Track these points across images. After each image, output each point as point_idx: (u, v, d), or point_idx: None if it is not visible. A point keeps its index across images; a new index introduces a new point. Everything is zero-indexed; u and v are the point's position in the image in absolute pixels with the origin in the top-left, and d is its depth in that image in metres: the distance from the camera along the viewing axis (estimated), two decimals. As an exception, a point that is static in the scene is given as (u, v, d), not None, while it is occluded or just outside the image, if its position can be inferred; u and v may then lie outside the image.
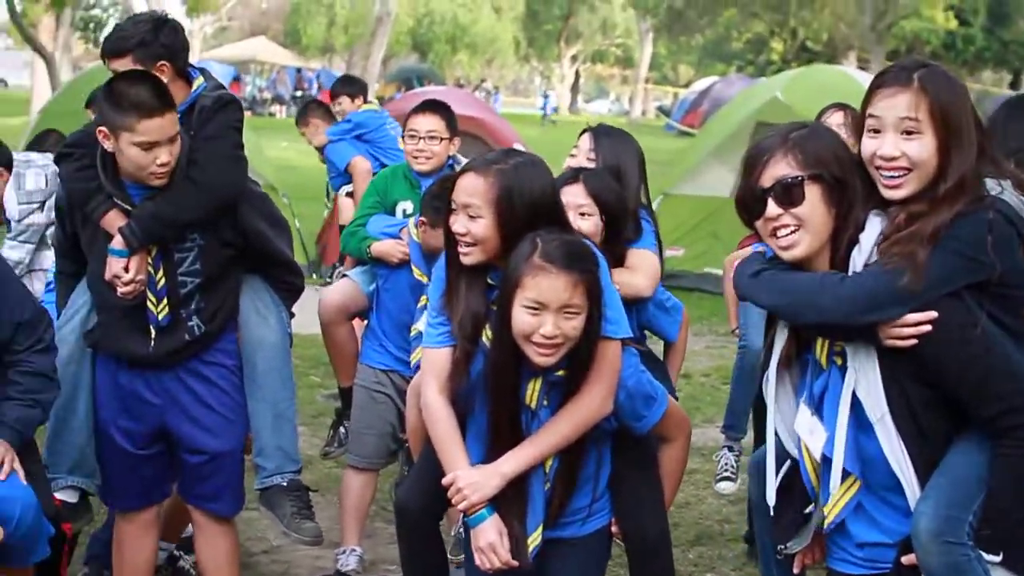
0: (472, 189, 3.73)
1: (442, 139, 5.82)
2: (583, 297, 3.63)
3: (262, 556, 6.18)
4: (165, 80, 4.47)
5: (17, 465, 4.15)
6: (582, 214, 4.50)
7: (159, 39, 4.58)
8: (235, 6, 56.93)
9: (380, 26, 34.95)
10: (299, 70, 53.01)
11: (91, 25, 51.35)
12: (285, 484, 4.72)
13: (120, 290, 4.41)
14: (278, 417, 4.69)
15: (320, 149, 10.53)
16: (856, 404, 3.35)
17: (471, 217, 3.72)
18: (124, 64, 4.51)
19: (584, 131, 5.17)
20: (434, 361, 3.89)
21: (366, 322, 5.90)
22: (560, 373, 3.73)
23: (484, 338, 3.79)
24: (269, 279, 4.76)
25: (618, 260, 4.65)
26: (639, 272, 4.75)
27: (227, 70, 42.23)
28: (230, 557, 4.86)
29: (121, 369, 4.63)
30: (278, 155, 21.04)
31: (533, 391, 3.75)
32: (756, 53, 57.03)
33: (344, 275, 6.10)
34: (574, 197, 4.51)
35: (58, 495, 4.58)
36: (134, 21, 4.66)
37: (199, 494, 4.76)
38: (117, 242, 4.36)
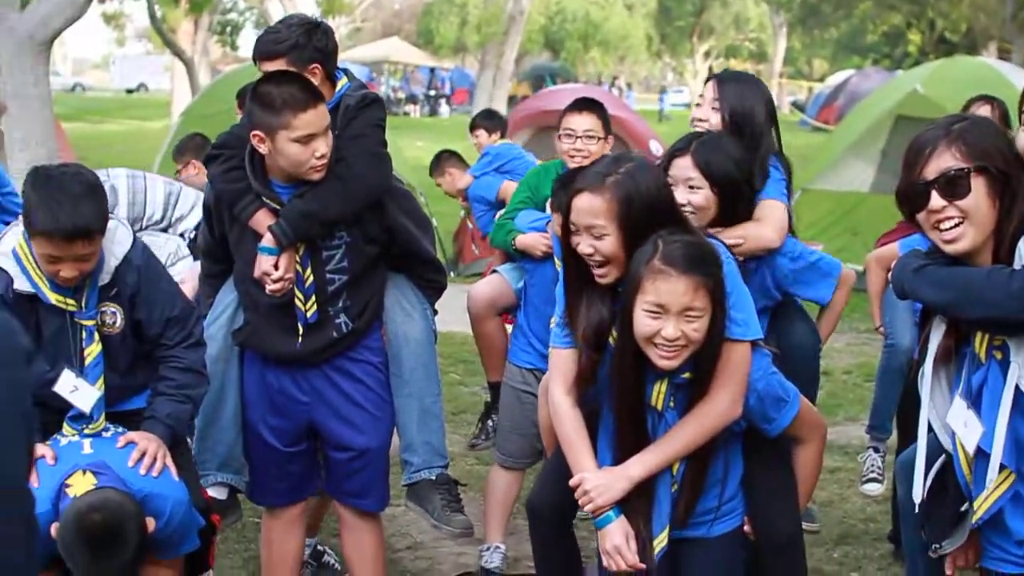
0: (591, 209, 3.71)
1: (598, 138, 5.81)
2: (705, 300, 3.61)
3: (406, 552, 6.23)
4: (316, 82, 4.53)
5: (169, 461, 4.21)
6: (691, 187, 4.41)
7: (312, 42, 4.63)
8: (368, 8, 57.42)
9: (513, 24, 35.03)
10: (432, 70, 53.39)
11: (227, 29, 52.13)
12: (434, 478, 4.74)
13: (269, 288, 4.44)
14: (425, 412, 4.72)
15: (462, 193, 10.29)
16: (1017, 397, 3.29)
17: (596, 237, 3.71)
18: (277, 66, 4.56)
19: (709, 78, 5.10)
20: (560, 361, 3.91)
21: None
22: (686, 375, 3.72)
23: (610, 340, 3.79)
24: (413, 276, 4.78)
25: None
26: (765, 223, 4.60)
27: (361, 71, 42.61)
28: (376, 553, 4.90)
29: (268, 367, 4.68)
30: (414, 154, 21.17)
31: (659, 393, 3.75)
32: (892, 46, 56.14)
33: (495, 270, 6.14)
34: (683, 171, 4.43)
35: (208, 492, 4.65)
36: (286, 24, 4.71)
37: (346, 490, 4.81)
38: (267, 240, 4.41)
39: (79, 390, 4.21)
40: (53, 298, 4.14)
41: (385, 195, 4.56)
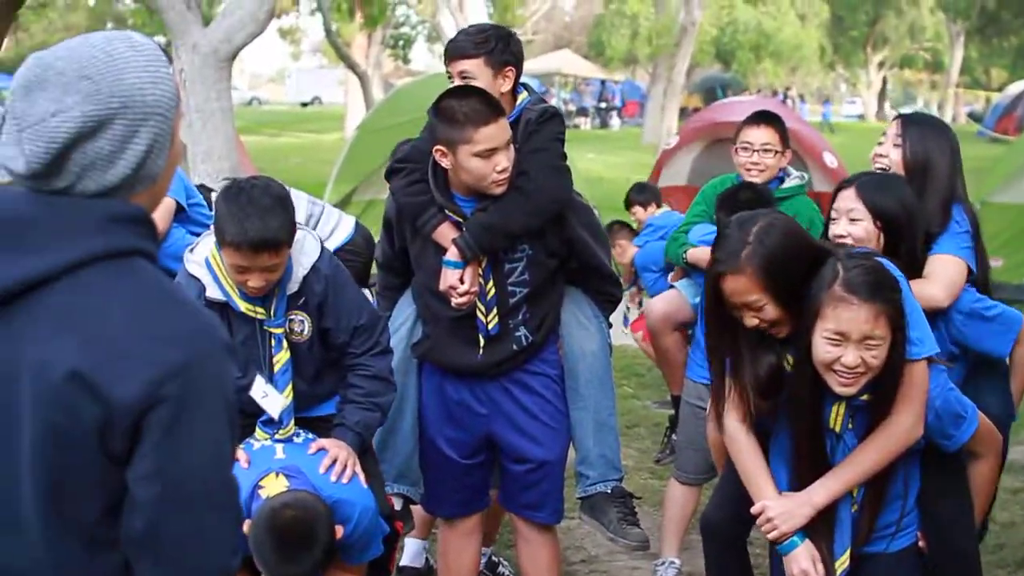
0: (739, 290, 3.69)
1: (776, 152, 5.76)
2: (885, 327, 3.57)
3: (580, 566, 6.23)
4: (507, 87, 4.60)
5: (358, 468, 4.26)
6: (852, 219, 4.33)
7: (510, 47, 4.67)
8: (539, 20, 57.72)
9: (684, 36, 34.91)
10: (603, 82, 53.44)
11: (400, 42, 52.80)
12: (609, 491, 4.73)
13: (455, 301, 4.47)
14: (601, 426, 4.72)
15: (629, 268, 10.21)
16: None
17: (756, 309, 3.70)
18: (472, 65, 4.58)
19: (896, 117, 5.03)
20: (725, 390, 3.93)
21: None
22: (864, 397, 3.68)
23: (785, 364, 3.76)
24: (589, 290, 4.79)
25: (916, 269, 4.45)
26: (933, 280, 4.47)
27: (533, 83, 42.71)
28: (551, 565, 4.90)
29: (447, 379, 4.73)
30: (585, 167, 21.20)
31: (837, 415, 3.72)
32: (1075, 54, 54.73)
33: (672, 286, 6.12)
34: (845, 202, 4.36)
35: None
36: (479, 28, 4.75)
37: (523, 503, 4.82)
38: (452, 254, 4.44)
39: (269, 396, 4.30)
40: (243, 306, 4.23)
41: (566, 208, 4.57)
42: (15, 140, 2.10)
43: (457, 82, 4.59)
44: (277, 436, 4.34)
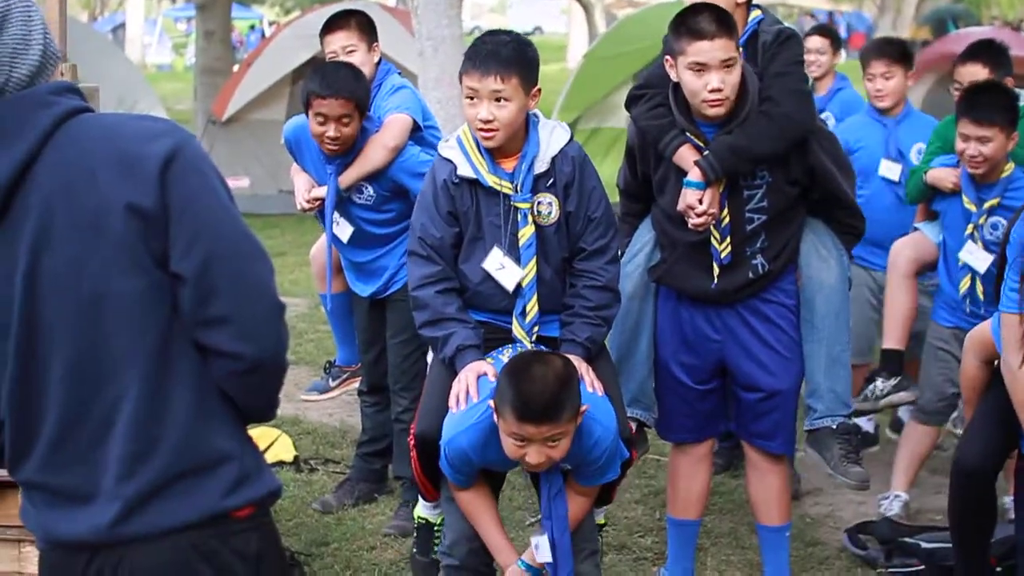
0: None
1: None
2: None
3: (806, 497, 6.20)
4: (743, 0, 4.61)
5: (598, 384, 4.24)
6: None
7: None
8: (765, -50, 56.67)
9: (916, -34, 33.95)
10: (830, 13, 52.30)
11: (624, -28, 52.32)
12: (835, 427, 4.68)
13: (692, 222, 4.46)
14: (833, 360, 4.65)
15: None
16: None
17: None
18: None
19: None
20: (1014, 326, 3.88)
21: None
22: None
23: None
24: (831, 221, 4.71)
25: None
26: None
27: (755, 15, 42.09)
28: (780, 494, 4.88)
29: (683, 304, 4.73)
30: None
31: None
32: None
33: (915, 227, 6.00)
34: None
35: None
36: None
37: (754, 431, 4.81)
38: (694, 174, 4.42)
39: (505, 268, 4.32)
40: (490, 180, 4.28)
41: (809, 135, 4.52)
42: None
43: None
44: (524, 321, 4.33)
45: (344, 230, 5.66)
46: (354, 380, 6.40)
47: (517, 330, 4.35)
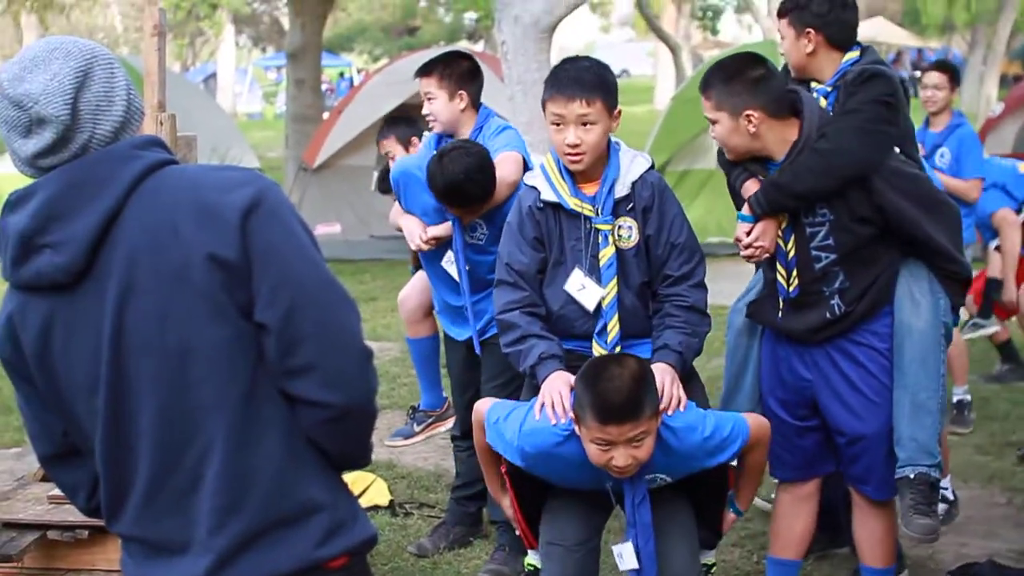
0: None
1: None
2: None
3: (906, 540, 6.10)
4: (812, 47, 4.71)
5: (682, 393, 4.23)
6: None
7: (811, 7, 4.74)
8: (852, -12, 56.39)
9: (1007, 1, 33.61)
10: (919, 50, 51.91)
11: (708, 14, 52.41)
12: (912, 477, 4.54)
13: (742, 253, 4.55)
14: (917, 408, 4.53)
15: None
16: None
17: None
18: (780, 26, 4.81)
19: None
20: None
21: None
22: None
23: None
24: (934, 266, 4.60)
25: None
26: None
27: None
28: (883, 537, 4.82)
29: (780, 343, 4.74)
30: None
31: None
32: None
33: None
34: None
35: None
36: None
37: (851, 474, 4.77)
38: (745, 208, 4.50)
39: (586, 288, 4.40)
40: (572, 203, 4.38)
41: (874, 173, 4.44)
42: (30, 124, 2.40)
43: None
44: (605, 341, 4.38)
45: (453, 270, 5.68)
46: (439, 424, 6.42)
47: (597, 351, 4.39)
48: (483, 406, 4.38)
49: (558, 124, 4.31)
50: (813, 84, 4.79)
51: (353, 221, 14.95)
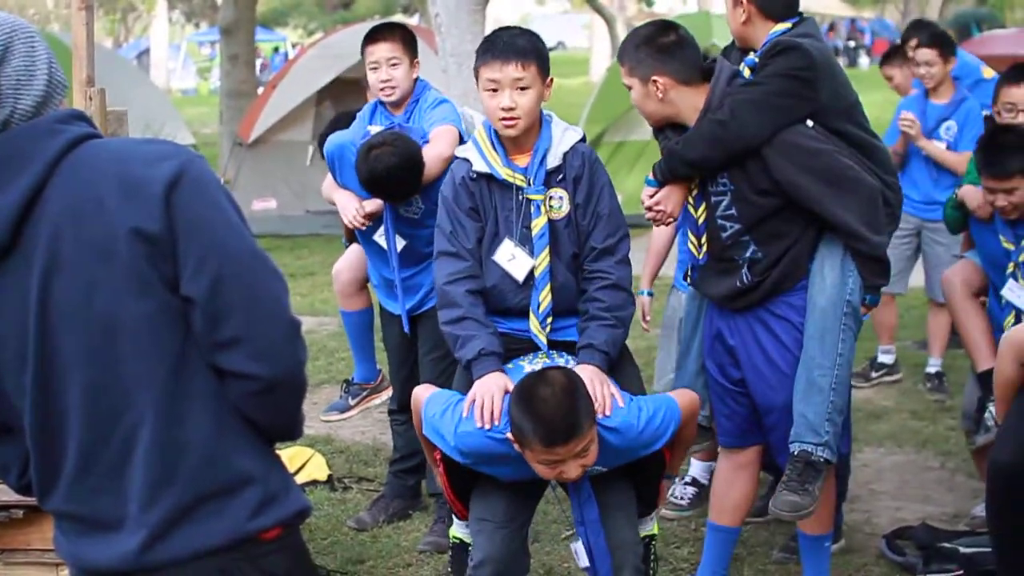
0: None
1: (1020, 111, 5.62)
2: None
3: (845, 505, 6.17)
4: (745, 16, 4.69)
5: (615, 390, 4.23)
6: None
7: None
8: (785, -42, 56.52)
9: (938, -30, 33.86)
10: (853, 20, 52.22)
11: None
12: (795, 453, 4.53)
13: (646, 216, 4.70)
14: (810, 384, 4.51)
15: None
16: None
17: None
18: None
19: None
20: None
21: None
22: None
23: None
24: (847, 242, 4.54)
25: None
26: None
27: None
28: (819, 503, 4.74)
29: (712, 306, 4.81)
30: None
31: None
32: None
33: (962, 256, 5.95)
34: None
35: None
36: None
37: (770, 443, 4.81)
38: (650, 173, 4.64)
39: (516, 259, 4.40)
40: (503, 172, 4.38)
41: (768, 147, 4.43)
42: None
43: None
44: (539, 311, 4.40)
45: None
46: (374, 396, 6.39)
47: (533, 323, 4.40)
48: (421, 395, 4.38)
49: (493, 90, 4.30)
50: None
51: (289, 196, 14.87)
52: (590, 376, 4.20)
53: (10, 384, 2.44)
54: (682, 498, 6.08)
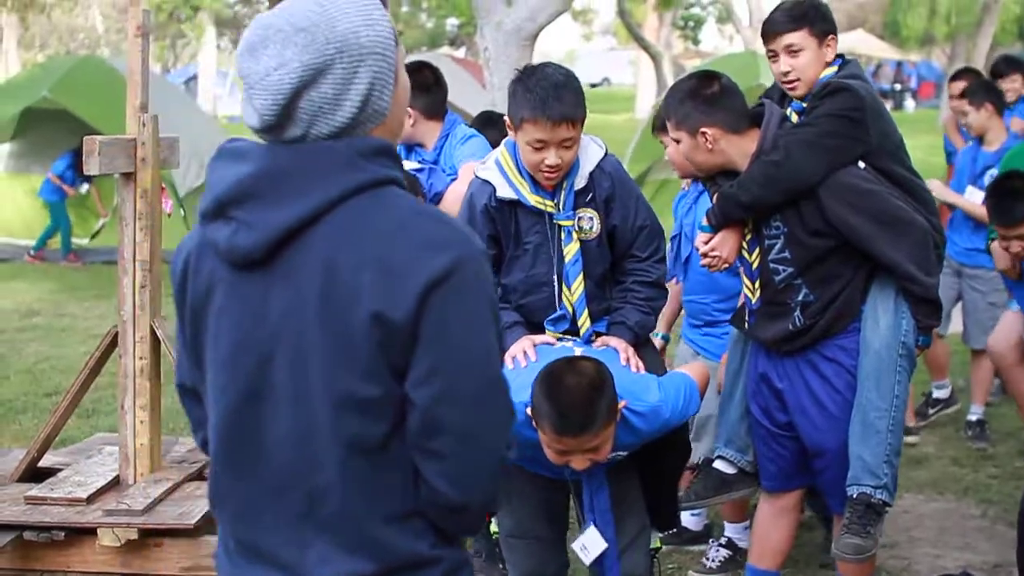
0: None
1: None
2: None
3: (882, 551, 6.12)
4: (831, 56, 4.62)
5: (640, 365, 4.27)
6: None
7: (827, 16, 4.67)
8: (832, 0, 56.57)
9: (987, 15, 33.79)
10: (899, 63, 52.10)
11: (690, 23, 52.58)
12: (854, 496, 4.52)
13: (701, 262, 4.68)
14: (867, 427, 4.50)
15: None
16: None
17: None
18: (798, 37, 4.59)
19: None
20: None
21: None
22: None
23: None
24: (901, 283, 4.54)
25: None
26: None
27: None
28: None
29: (759, 350, 4.76)
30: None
31: None
32: None
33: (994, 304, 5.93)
34: None
35: (716, 464, 4.86)
36: (793, 3, 4.68)
37: (820, 487, 4.81)
38: (704, 219, 4.61)
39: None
40: (533, 200, 4.32)
41: (822, 188, 4.41)
42: (248, 98, 2.27)
43: (783, 58, 4.60)
44: (575, 337, 4.37)
45: None
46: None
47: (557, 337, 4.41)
48: None
49: (539, 147, 4.19)
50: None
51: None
52: (623, 346, 4.28)
53: (211, 375, 2.39)
54: (714, 560, 5.94)
